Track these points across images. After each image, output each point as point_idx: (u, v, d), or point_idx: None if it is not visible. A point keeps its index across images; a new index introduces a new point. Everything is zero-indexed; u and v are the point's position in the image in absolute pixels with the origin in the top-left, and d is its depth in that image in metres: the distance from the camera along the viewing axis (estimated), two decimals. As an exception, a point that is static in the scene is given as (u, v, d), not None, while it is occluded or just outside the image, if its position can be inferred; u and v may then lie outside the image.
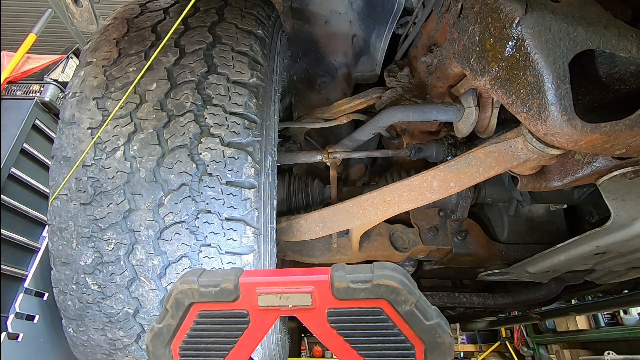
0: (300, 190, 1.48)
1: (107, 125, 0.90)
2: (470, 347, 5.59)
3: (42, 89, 2.13)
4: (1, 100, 1.82)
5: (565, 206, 1.51)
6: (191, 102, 0.90)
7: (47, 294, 1.60)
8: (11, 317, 1.42)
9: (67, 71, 2.50)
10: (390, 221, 1.44)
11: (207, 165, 0.86)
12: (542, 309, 2.77)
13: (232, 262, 0.87)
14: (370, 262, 0.51)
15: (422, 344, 0.45)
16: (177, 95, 0.91)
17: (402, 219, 1.51)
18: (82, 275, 0.90)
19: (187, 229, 0.85)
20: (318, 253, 1.49)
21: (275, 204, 1.08)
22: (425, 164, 1.45)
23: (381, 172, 1.68)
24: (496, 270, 1.66)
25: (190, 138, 0.87)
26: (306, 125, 1.48)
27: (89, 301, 0.92)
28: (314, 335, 0.47)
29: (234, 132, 0.89)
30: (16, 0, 4.96)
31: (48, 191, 0.97)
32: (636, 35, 0.79)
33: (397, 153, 1.47)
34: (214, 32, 0.99)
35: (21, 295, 1.49)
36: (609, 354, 3.53)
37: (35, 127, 1.86)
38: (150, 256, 0.86)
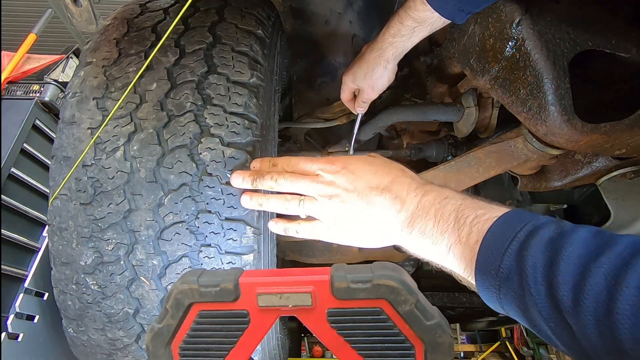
0: (300, 190, 1.48)
1: (107, 125, 0.90)
2: (470, 347, 5.59)
3: (42, 89, 2.12)
4: (1, 100, 1.82)
5: (565, 206, 1.51)
6: (191, 102, 0.90)
7: (47, 294, 1.60)
8: (11, 317, 1.42)
9: (67, 71, 2.50)
10: (390, 221, 1.44)
11: (207, 165, 0.86)
12: (542, 309, 2.76)
13: (232, 262, 0.87)
14: (370, 262, 0.51)
15: (422, 344, 0.45)
16: (177, 95, 0.91)
17: (402, 219, 1.51)
18: (82, 275, 0.90)
19: (187, 229, 0.85)
20: (318, 253, 1.50)
21: (275, 204, 1.08)
22: (425, 164, 1.45)
23: (381, 172, 1.67)
24: (496, 270, 1.65)
25: (190, 138, 0.87)
26: (306, 125, 1.48)
27: (89, 301, 0.92)
28: (314, 335, 0.47)
29: (234, 132, 0.89)
30: (16, 0, 4.96)
31: (48, 191, 0.97)
32: (636, 35, 0.79)
33: (397, 153, 1.47)
34: (214, 32, 0.99)
35: (21, 295, 1.48)
36: (609, 354, 3.53)
37: (35, 127, 1.86)
38: (150, 256, 0.86)
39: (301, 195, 0.72)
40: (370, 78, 1.01)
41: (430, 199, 0.60)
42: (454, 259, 0.56)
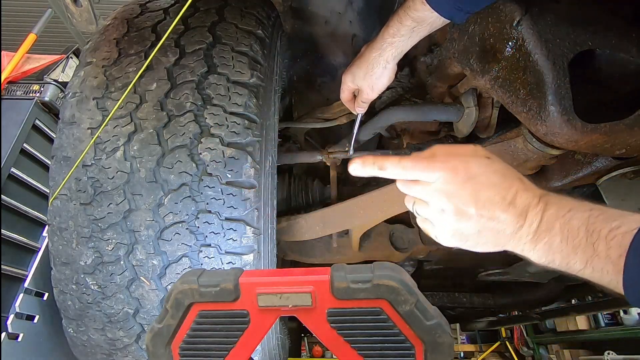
0: (300, 190, 1.48)
1: (107, 125, 0.90)
2: (470, 347, 5.58)
3: (42, 89, 2.12)
4: (1, 100, 1.82)
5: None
6: (191, 102, 0.90)
7: (47, 294, 1.60)
8: (11, 317, 1.42)
9: (67, 71, 2.50)
10: (391, 221, 1.44)
11: (207, 165, 0.86)
12: (542, 309, 2.77)
13: (232, 262, 0.87)
14: (370, 262, 0.51)
15: (422, 344, 0.45)
16: (177, 95, 0.91)
17: (402, 219, 1.51)
18: (82, 275, 0.90)
19: (187, 229, 0.85)
20: (318, 253, 1.49)
21: (275, 204, 1.08)
22: (425, 164, 1.44)
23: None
24: (496, 270, 1.66)
25: (190, 138, 0.87)
26: (306, 125, 1.48)
27: (89, 301, 0.92)
28: (314, 335, 0.47)
29: (234, 132, 0.89)
30: (16, 0, 4.96)
31: (48, 191, 0.97)
32: (636, 35, 0.79)
33: (397, 153, 1.47)
34: (214, 32, 0.99)
35: (21, 295, 1.48)
36: (609, 354, 3.52)
37: (35, 127, 1.86)
38: (150, 256, 0.86)
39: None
40: (369, 78, 1.01)
41: (553, 212, 0.58)
42: (593, 273, 0.54)
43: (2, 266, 1.49)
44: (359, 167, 0.67)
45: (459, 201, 0.62)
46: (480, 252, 0.66)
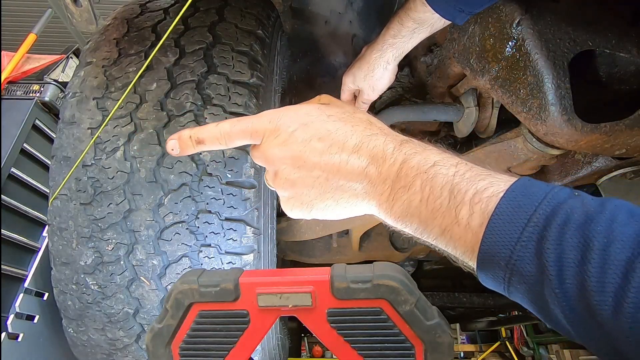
0: (300, 190, 1.48)
1: (107, 125, 0.90)
2: (470, 347, 5.58)
3: (42, 89, 2.12)
4: (1, 100, 1.82)
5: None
6: (191, 102, 0.90)
7: (47, 294, 1.60)
8: (11, 317, 1.42)
9: (67, 71, 2.50)
10: (390, 221, 1.44)
11: (207, 165, 0.86)
12: (542, 308, 2.76)
13: (232, 262, 0.87)
14: (370, 262, 0.51)
15: (422, 344, 0.45)
16: (177, 95, 0.91)
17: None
18: (82, 275, 0.90)
19: (187, 229, 0.86)
20: (318, 253, 1.50)
21: (275, 204, 1.08)
22: (425, 164, 1.44)
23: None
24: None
25: (190, 138, 0.87)
26: (306, 125, 1.48)
27: (89, 301, 0.92)
28: (314, 335, 0.47)
29: (234, 132, 0.89)
30: (16, 0, 4.96)
31: (48, 191, 0.97)
32: (636, 35, 0.79)
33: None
34: (214, 32, 0.99)
35: (21, 295, 1.49)
36: (609, 354, 3.52)
37: (35, 127, 1.86)
38: (150, 256, 0.86)
39: None
40: (370, 79, 1.01)
41: (414, 165, 0.48)
42: (449, 241, 0.46)
43: (2, 266, 1.49)
44: (177, 147, 0.53)
45: (288, 160, 0.50)
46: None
